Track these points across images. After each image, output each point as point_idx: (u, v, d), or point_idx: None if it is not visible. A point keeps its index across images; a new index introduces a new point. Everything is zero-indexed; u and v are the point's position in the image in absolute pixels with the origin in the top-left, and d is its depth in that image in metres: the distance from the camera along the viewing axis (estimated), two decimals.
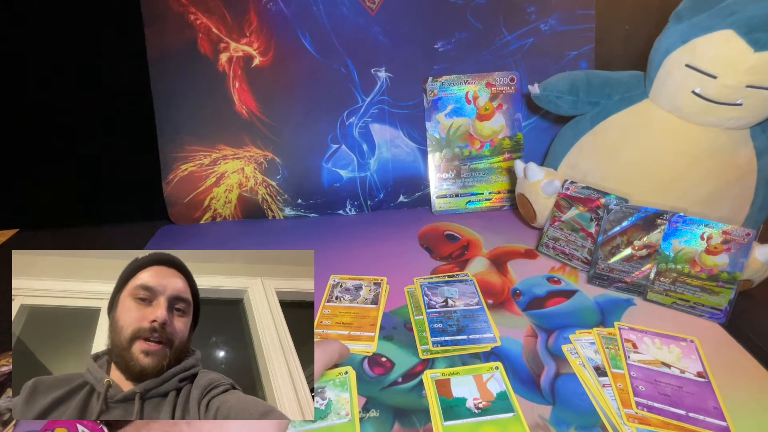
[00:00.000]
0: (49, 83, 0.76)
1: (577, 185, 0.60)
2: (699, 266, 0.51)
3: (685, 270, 0.51)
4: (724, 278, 0.50)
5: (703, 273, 0.51)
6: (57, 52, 0.74)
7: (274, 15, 0.73)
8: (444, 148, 0.76)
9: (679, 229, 0.52)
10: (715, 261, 0.50)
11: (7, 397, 0.44)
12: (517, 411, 0.40)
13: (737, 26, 0.48)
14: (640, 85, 0.60)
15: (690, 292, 0.51)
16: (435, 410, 0.41)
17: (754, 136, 0.55)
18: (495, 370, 0.44)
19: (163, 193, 0.77)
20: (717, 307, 0.50)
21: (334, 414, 0.41)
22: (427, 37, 0.75)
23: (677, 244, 0.52)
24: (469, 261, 0.63)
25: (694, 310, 0.51)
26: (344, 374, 0.45)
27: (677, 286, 0.51)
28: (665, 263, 0.52)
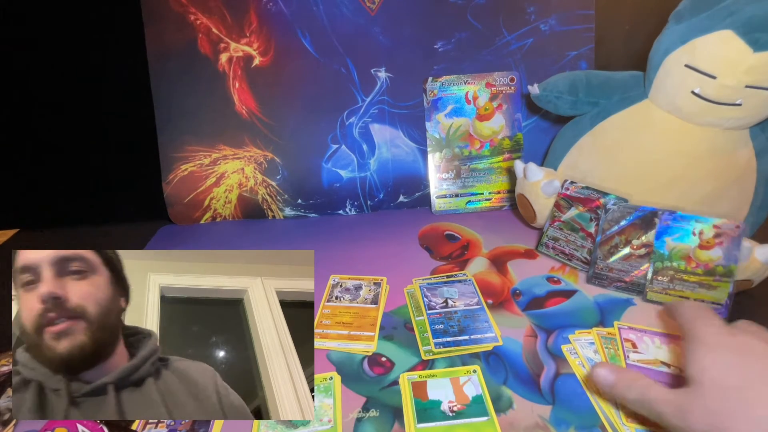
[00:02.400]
0: (49, 83, 0.76)
1: (577, 185, 0.60)
2: (694, 262, 0.51)
3: (681, 267, 0.51)
4: (720, 272, 0.50)
5: (699, 269, 0.51)
6: (57, 52, 0.74)
7: (274, 15, 0.73)
8: (444, 148, 0.76)
9: (670, 227, 0.52)
10: (709, 255, 0.50)
11: (7, 397, 0.44)
12: (491, 415, 0.40)
13: (736, 26, 0.48)
14: (639, 85, 0.60)
15: (689, 289, 0.51)
16: (409, 412, 0.40)
17: (754, 136, 0.55)
18: (473, 374, 0.44)
19: (163, 193, 0.77)
20: (717, 301, 0.50)
21: (316, 420, 0.40)
22: (427, 37, 0.75)
23: (670, 242, 0.52)
24: (469, 261, 0.63)
25: None
26: (329, 380, 0.44)
27: (675, 284, 0.51)
28: (661, 262, 0.52)
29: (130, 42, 0.73)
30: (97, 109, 0.78)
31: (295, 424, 0.40)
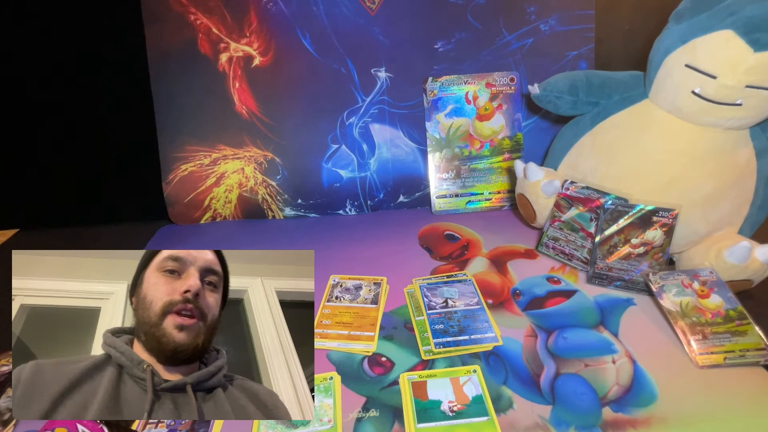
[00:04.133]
0: (49, 83, 0.76)
1: (577, 185, 0.60)
2: (708, 312, 0.49)
3: (702, 320, 0.49)
4: (733, 315, 0.48)
5: (718, 317, 0.49)
6: (57, 52, 0.74)
7: (274, 15, 0.73)
8: (444, 148, 0.76)
9: (663, 287, 0.51)
10: (714, 303, 0.49)
11: (7, 397, 0.44)
12: (492, 415, 0.40)
13: (737, 26, 0.48)
14: (639, 85, 0.60)
15: (727, 341, 0.47)
16: (409, 412, 0.41)
17: (754, 136, 0.55)
18: (472, 374, 0.44)
19: (163, 193, 0.77)
20: (758, 347, 0.46)
21: (316, 420, 0.40)
22: (427, 37, 0.75)
23: (673, 299, 0.50)
24: (469, 261, 0.63)
25: (745, 359, 0.46)
26: (329, 380, 0.44)
27: (713, 340, 0.47)
28: (681, 318, 0.49)
29: (130, 42, 0.73)
30: (97, 109, 0.78)
31: (295, 424, 0.40)
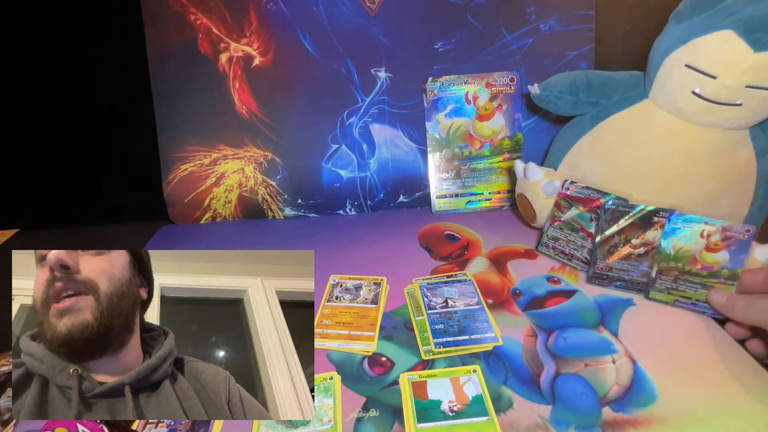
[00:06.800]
0: (49, 83, 0.76)
1: (577, 185, 0.60)
2: (700, 264, 0.51)
3: (686, 268, 0.51)
4: (725, 275, 0.50)
5: (704, 270, 0.51)
6: (56, 52, 0.74)
7: (274, 15, 0.73)
8: (444, 148, 0.76)
9: (678, 228, 0.52)
10: (715, 258, 0.50)
11: (7, 397, 0.44)
12: (492, 415, 0.40)
13: (737, 26, 0.48)
14: (639, 85, 0.60)
15: (692, 289, 0.51)
16: (409, 412, 0.40)
17: (754, 136, 0.55)
18: (473, 374, 0.44)
19: (163, 193, 0.77)
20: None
21: (316, 420, 0.40)
22: (427, 37, 0.75)
23: (677, 243, 0.52)
24: (469, 261, 0.63)
25: (696, 307, 0.51)
26: (329, 380, 0.44)
27: (678, 284, 0.51)
28: (666, 262, 0.52)
29: (130, 42, 0.73)
30: (97, 109, 0.78)
31: (295, 424, 0.40)
